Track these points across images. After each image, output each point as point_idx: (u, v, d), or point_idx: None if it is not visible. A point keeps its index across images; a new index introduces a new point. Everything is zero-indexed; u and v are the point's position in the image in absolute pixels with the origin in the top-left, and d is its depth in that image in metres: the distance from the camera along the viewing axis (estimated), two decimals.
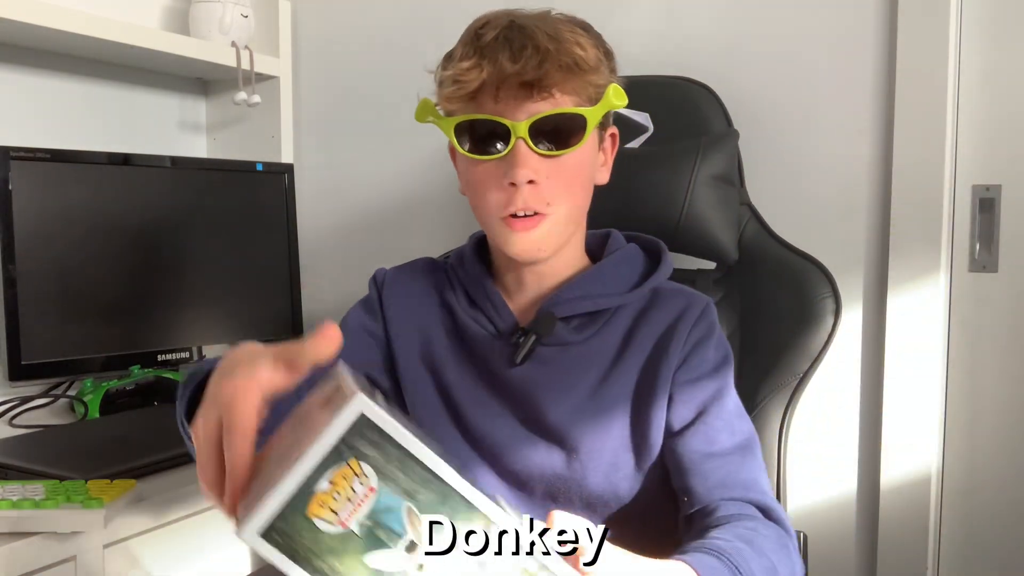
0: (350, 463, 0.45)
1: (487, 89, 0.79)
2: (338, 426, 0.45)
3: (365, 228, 1.69)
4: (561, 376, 0.85)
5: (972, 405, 1.28)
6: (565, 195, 0.82)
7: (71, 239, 1.30)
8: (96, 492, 0.86)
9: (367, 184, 1.68)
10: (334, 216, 1.71)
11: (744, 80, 1.33)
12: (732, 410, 0.86)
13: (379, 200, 1.67)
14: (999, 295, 1.25)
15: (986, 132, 1.25)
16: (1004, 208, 1.24)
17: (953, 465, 1.29)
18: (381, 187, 1.66)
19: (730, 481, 0.81)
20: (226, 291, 1.49)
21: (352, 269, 1.67)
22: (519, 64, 0.77)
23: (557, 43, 0.78)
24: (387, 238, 1.67)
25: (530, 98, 0.79)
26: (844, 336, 1.29)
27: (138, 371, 1.33)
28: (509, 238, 0.82)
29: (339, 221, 1.71)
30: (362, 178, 1.68)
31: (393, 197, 1.66)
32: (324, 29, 1.71)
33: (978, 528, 1.28)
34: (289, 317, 1.59)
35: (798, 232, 1.18)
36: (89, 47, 1.41)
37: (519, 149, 0.79)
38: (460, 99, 0.81)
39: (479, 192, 0.83)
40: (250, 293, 1.53)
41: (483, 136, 0.81)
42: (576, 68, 0.79)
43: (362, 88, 1.67)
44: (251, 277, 1.53)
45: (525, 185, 0.79)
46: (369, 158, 1.68)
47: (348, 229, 1.71)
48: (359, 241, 1.69)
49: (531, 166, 0.79)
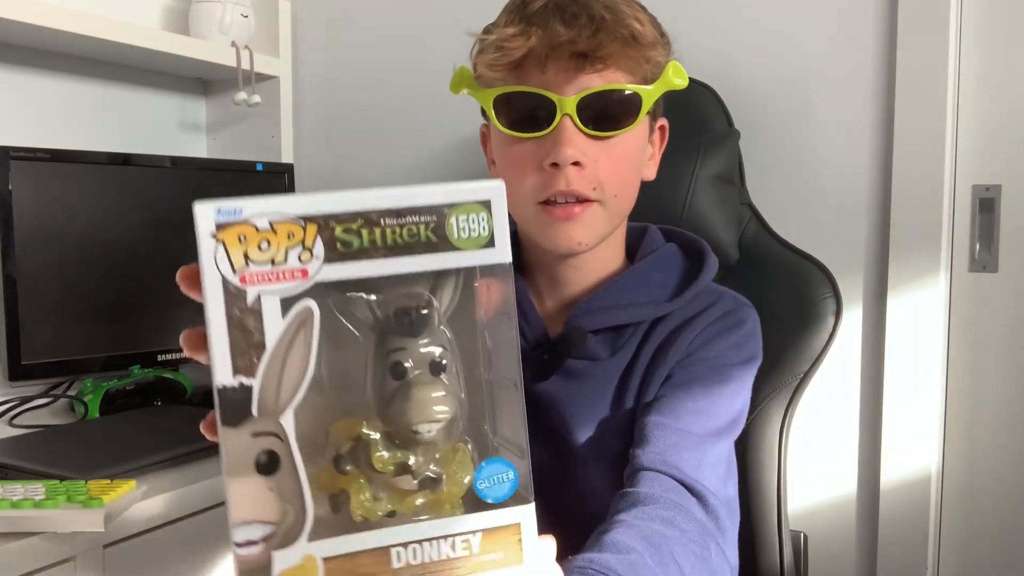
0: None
1: (533, 58, 0.71)
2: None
3: None
4: (589, 393, 0.78)
5: (972, 405, 1.28)
6: (614, 182, 0.73)
7: (71, 239, 1.30)
8: (96, 492, 0.86)
9: (367, 184, 1.67)
10: None
11: (744, 80, 1.33)
12: (715, 402, 0.77)
13: None
14: (999, 295, 1.25)
15: (986, 132, 1.25)
16: (1004, 208, 1.24)
17: (953, 465, 1.29)
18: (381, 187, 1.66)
19: (672, 456, 0.72)
20: None
21: None
22: (573, 31, 0.69)
23: (613, 14, 0.71)
24: None
25: (582, 70, 0.70)
26: (844, 336, 1.29)
27: (138, 371, 1.33)
28: (546, 227, 0.73)
29: None
30: (362, 178, 1.68)
31: None
32: (324, 29, 1.71)
33: (978, 528, 1.28)
34: None
35: (798, 232, 1.18)
36: (89, 47, 1.41)
37: (564, 127, 0.71)
38: (502, 68, 0.72)
39: (515, 174, 0.73)
40: None
41: (525, 111, 0.72)
42: (634, 41, 0.71)
43: (362, 88, 1.67)
44: None
45: (569, 167, 0.71)
46: (369, 158, 1.68)
47: None
48: None
49: (577, 146, 0.71)
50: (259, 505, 0.42)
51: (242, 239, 0.42)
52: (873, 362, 1.30)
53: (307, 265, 0.42)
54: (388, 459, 0.44)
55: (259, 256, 0.42)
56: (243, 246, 0.42)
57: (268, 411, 0.42)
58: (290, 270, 0.42)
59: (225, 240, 0.42)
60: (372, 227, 0.44)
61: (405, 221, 0.45)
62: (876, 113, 1.28)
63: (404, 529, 0.44)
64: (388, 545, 0.44)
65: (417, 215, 0.45)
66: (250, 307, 0.42)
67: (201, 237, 0.42)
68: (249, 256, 0.42)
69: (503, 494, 0.45)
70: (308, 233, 0.42)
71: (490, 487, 0.45)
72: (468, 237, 0.44)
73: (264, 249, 0.42)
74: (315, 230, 0.43)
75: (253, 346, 0.42)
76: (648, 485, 0.70)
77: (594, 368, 0.79)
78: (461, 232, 0.44)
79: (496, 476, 0.45)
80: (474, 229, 0.45)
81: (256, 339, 0.42)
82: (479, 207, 0.45)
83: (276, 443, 0.43)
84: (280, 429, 0.43)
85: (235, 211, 0.42)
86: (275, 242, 0.42)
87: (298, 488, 0.43)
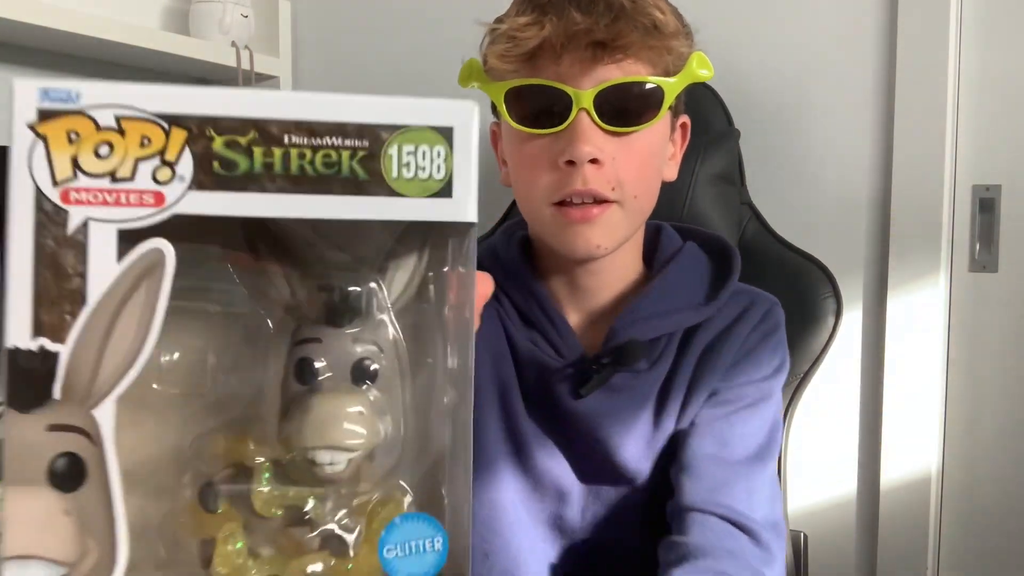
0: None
1: (548, 49, 0.66)
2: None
3: None
4: (633, 407, 0.74)
5: (972, 405, 1.28)
6: (635, 181, 0.69)
7: None
8: None
9: None
10: None
11: (744, 80, 1.33)
12: (760, 421, 0.75)
13: None
14: (999, 295, 1.25)
15: (986, 132, 1.25)
16: (1004, 208, 1.24)
17: (953, 465, 1.29)
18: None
19: (723, 495, 0.70)
20: None
21: None
22: (590, 19, 0.64)
23: (633, 2, 0.66)
24: None
25: (599, 62, 0.66)
26: (844, 336, 1.29)
27: None
28: (563, 229, 0.69)
29: None
30: None
31: None
32: (324, 29, 1.71)
33: (978, 528, 1.28)
34: None
35: (798, 232, 1.18)
36: (89, 47, 1.41)
37: (581, 122, 0.66)
38: (514, 59, 0.68)
39: (528, 173, 0.69)
40: None
41: (539, 106, 0.68)
42: (655, 31, 0.67)
43: (362, 88, 1.67)
44: None
45: (587, 165, 0.66)
46: None
47: None
48: None
49: (595, 143, 0.66)
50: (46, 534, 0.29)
51: (72, 138, 0.29)
52: (873, 362, 1.30)
53: (164, 187, 0.30)
54: (273, 498, 0.32)
55: (94, 166, 0.30)
56: (72, 148, 0.29)
57: (77, 396, 0.29)
58: (137, 191, 0.30)
59: (47, 135, 0.29)
60: (270, 144, 0.30)
61: (321, 143, 0.31)
62: (876, 113, 1.28)
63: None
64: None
65: (340, 136, 0.31)
66: (70, 237, 0.29)
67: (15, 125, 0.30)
68: (80, 163, 0.30)
69: (422, 572, 0.32)
70: (172, 141, 0.30)
71: (402, 558, 0.32)
72: (413, 178, 0.31)
73: (103, 156, 0.30)
74: (183, 138, 0.30)
75: (67, 295, 0.29)
76: (699, 533, 0.68)
77: (635, 380, 0.74)
78: (403, 169, 0.31)
79: (413, 542, 0.32)
80: (422, 167, 0.31)
81: (73, 285, 0.29)
82: (434, 136, 0.31)
83: (83, 444, 0.30)
84: (92, 425, 0.30)
85: (68, 95, 0.30)
86: (121, 148, 0.30)
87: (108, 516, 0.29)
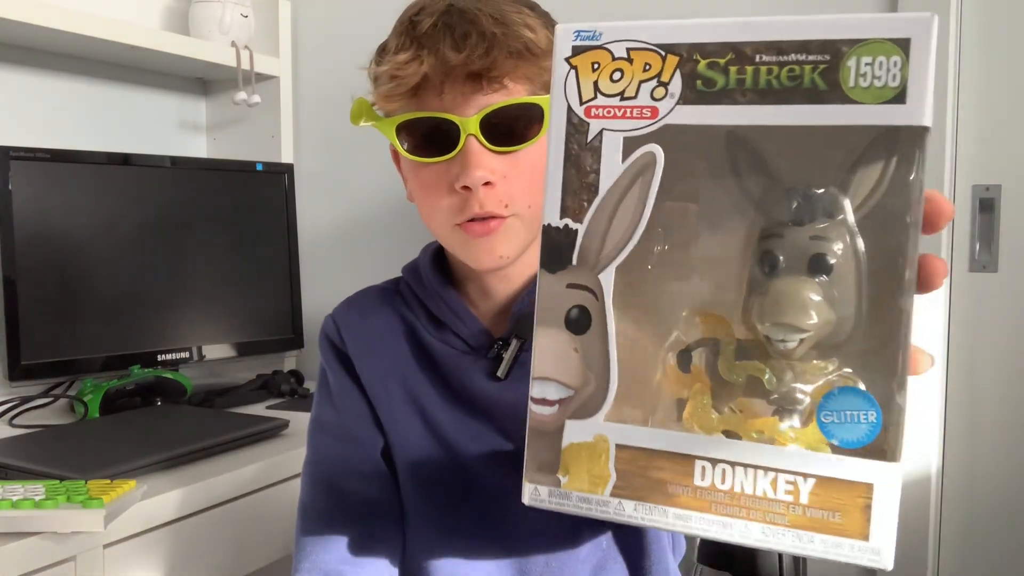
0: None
1: (430, 84, 0.70)
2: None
3: (365, 228, 1.69)
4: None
5: (972, 405, 1.28)
6: (526, 195, 0.72)
7: (71, 239, 1.30)
8: (96, 492, 0.86)
9: (367, 184, 1.68)
10: (334, 216, 1.71)
11: None
12: None
13: (379, 200, 1.67)
14: (999, 295, 1.25)
15: (986, 132, 1.25)
16: (1004, 208, 1.24)
17: (953, 465, 1.29)
18: (381, 187, 1.66)
19: None
20: (226, 291, 1.49)
21: (352, 269, 1.68)
22: (463, 53, 0.68)
23: (504, 27, 0.69)
24: (387, 238, 1.66)
25: (479, 90, 0.69)
26: None
27: (138, 371, 1.33)
28: (467, 245, 0.72)
29: (339, 221, 1.71)
30: (362, 178, 1.68)
31: (393, 197, 1.66)
32: (324, 29, 1.71)
33: (978, 528, 1.28)
34: (289, 317, 1.59)
35: None
36: (89, 47, 1.41)
37: (471, 147, 0.69)
38: (400, 97, 0.72)
39: (428, 199, 0.73)
40: (250, 293, 1.53)
41: (429, 135, 0.72)
42: (527, 53, 0.69)
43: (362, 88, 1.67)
44: (251, 277, 1.53)
45: (481, 188, 0.70)
46: (369, 158, 1.67)
47: (348, 229, 1.71)
48: (359, 241, 1.69)
49: (486, 166, 0.69)
50: (561, 364, 0.39)
51: (595, 67, 0.38)
52: None
53: (659, 103, 0.38)
54: (736, 366, 0.37)
55: (609, 88, 0.38)
56: (595, 74, 0.39)
57: (588, 263, 0.39)
58: (639, 107, 0.38)
59: (578, 66, 0.39)
60: (743, 64, 0.37)
61: (787, 59, 0.36)
62: None
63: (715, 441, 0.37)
64: (694, 455, 0.37)
65: (804, 52, 0.35)
66: (590, 144, 0.39)
67: (556, 60, 0.39)
68: (599, 87, 0.39)
69: (855, 439, 0.36)
70: (667, 65, 0.37)
71: (838, 424, 0.36)
72: (868, 87, 0.35)
73: (615, 80, 0.38)
74: (675, 63, 0.37)
75: (586, 187, 0.39)
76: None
77: None
78: (860, 79, 0.35)
79: (849, 412, 0.36)
80: (879, 76, 0.35)
81: (590, 180, 0.39)
82: (891, 48, 0.34)
83: (590, 300, 0.39)
84: (597, 285, 0.39)
85: (593, 34, 0.39)
86: (629, 73, 0.38)
87: (605, 357, 0.38)
